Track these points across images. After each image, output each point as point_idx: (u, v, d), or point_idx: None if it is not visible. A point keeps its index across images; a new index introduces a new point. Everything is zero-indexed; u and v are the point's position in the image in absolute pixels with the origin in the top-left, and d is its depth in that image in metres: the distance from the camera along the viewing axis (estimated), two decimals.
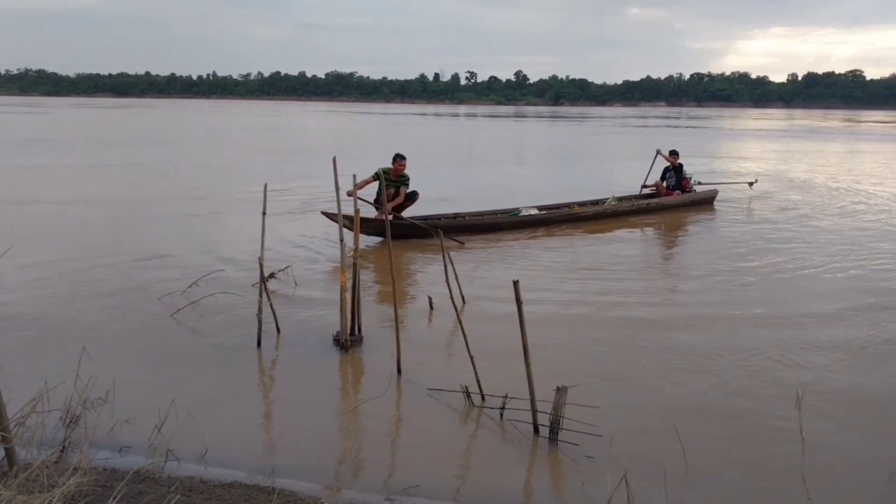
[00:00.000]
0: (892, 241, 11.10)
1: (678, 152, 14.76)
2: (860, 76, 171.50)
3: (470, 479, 4.20)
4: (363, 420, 4.83)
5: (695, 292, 8.11)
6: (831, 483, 4.06)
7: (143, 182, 17.53)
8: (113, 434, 4.40)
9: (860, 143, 41.42)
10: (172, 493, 3.62)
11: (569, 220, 12.21)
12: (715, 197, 14.80)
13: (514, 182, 19.08)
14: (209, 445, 4.27)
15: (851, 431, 4.73)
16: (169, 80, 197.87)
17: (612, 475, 3.75)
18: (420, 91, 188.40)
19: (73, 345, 5.52)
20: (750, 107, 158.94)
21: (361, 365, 5.84)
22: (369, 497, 3.85)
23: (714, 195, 14.81)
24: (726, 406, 5.07)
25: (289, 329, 6.47)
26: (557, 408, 4.42)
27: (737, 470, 4.22)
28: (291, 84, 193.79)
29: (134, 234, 10.83)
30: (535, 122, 72.34)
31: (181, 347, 6.14)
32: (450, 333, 6.52)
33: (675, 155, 14.56)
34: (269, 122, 58.27)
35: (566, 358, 5.97)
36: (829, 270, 9.07)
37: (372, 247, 10.30)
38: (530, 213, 11.93)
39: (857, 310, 7.34)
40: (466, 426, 4.79)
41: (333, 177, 6.00)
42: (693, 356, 6.02)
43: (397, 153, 10.90)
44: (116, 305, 7.20)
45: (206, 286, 7.51)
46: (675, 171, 14.50)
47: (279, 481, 3.95)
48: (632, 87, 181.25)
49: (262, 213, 6.36)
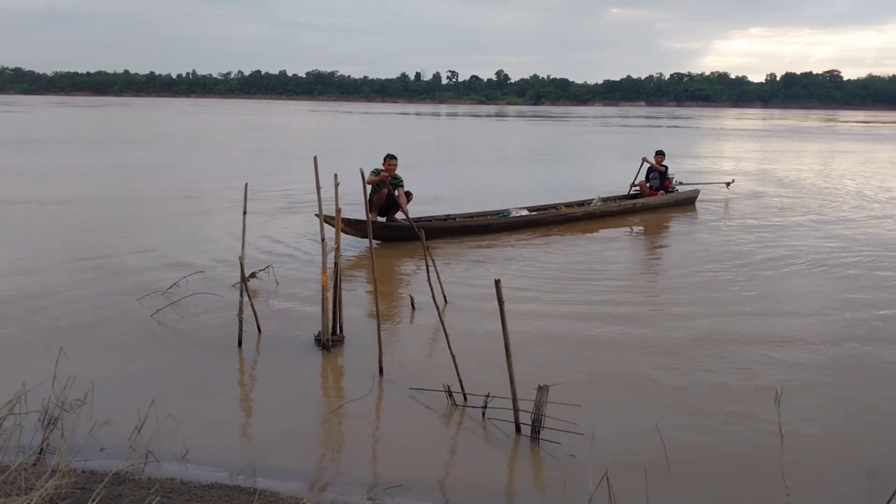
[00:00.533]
0: (870, 238, 11.23)
1: (664, 152, 14.73)
2: (837, 76, 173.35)
3: (452, 478, 4.21)
4: (345, 420, 4.81)
5: (675, 291, 8.17)
6: (811, 479, 4.10)
7: (124, 182, 17.37)
8: (92, 436, 4.35)
9: (841, 142, 41.87)
10: (152, 495, 3.59)
11: (558, 220, 12.20)
12: (696, 197, 14.96)
13: (500, 182, 19.10)
14: (190, 446, 4.24)
15: (830, 428, 4.79)
16: (148, 78, 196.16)
17: (593, 473, 3.76)
18: (401, 90, 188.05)
19: (50, 346, 5.45)
20: (729, 106, 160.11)
21: (343, 365, 5.82)
22: (351, 497, 3.84)
23: (696, 195, 14.98)
24: (706, 404, 5.11)
25: (270, 329, 6.44)
26: (539, 406, 4.43)
27: (717, 467, 4.26)
28: (272, 83, 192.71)
29: (113, 234, 10.72)
30: (517, 121, 72.47)
31: (161, 348, 6.09)
32: (432, 333, 6.52)
33: (661, 155, 14.55)
34: (252, 121, 57.95)
35: (548, 357, 5.98)
36: (807, 267, 9.17)
37: (363, 250, 9.96)
38: (521, 213, 11.87)
39: (836, 307, 7.42)
40: (449, 426, 4.80)
41: (315, 176, 5.98)
42: (673, 355, 6.06)
43: (388, 153, 10.41)
44: (95, 306, 7.12)
45: (186, 286, 7.45)
46: (660, 174, 14.50)
47: (260, 482, 3.93)
48: (612, 87, 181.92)
49: (244, 213, 6.33)
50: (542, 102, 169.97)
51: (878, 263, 9.52)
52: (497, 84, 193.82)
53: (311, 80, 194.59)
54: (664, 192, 14.43)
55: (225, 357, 5.89)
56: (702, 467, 4.25)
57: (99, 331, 6.46)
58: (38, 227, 11.25)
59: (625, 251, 11.16)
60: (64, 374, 4.55)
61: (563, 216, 12.30)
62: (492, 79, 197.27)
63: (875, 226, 12.65)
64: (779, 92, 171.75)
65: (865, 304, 7.54)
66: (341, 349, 6.05)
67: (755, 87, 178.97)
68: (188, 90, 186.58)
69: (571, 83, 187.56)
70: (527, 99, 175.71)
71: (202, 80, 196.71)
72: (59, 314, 6.84)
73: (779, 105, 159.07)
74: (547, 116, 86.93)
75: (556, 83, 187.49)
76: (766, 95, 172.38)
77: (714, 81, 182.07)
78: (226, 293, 7.38)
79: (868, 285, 8.37)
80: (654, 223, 12.99)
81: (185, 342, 6.26)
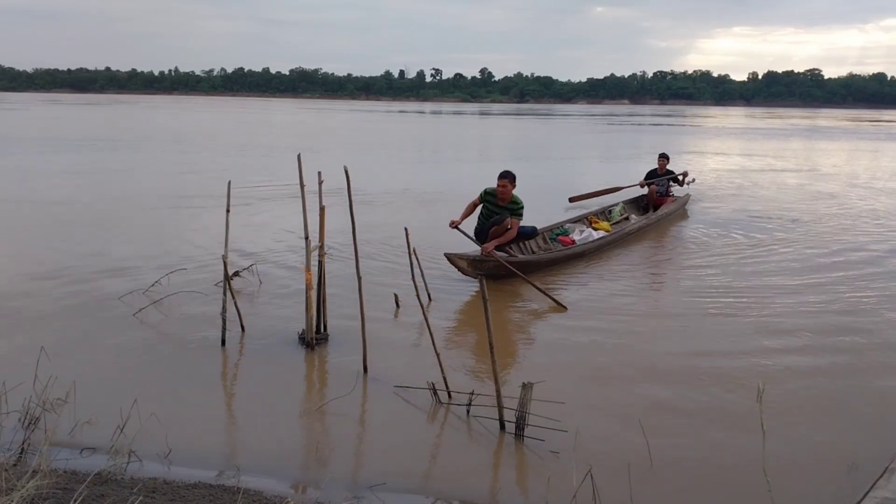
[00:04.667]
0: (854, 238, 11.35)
1: (668, 155, 13.99)
2: (819, 75, 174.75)
3: (436, 475, 4.22)
4: (329, 418, 4.81)
5: (659, 290, 8.22)
6: (792, 475, 4.13)
7: (104, 180, 17.24)
8: (74, 435, 4.32)
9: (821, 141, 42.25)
10: (135, 495, 3.56)
11: (628, 238, 10.70)
12: (687, 202, 14.10)
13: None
14: (173, 446, 4.22)
15: (812, 424, 4.83)
16: (130, 75, 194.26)
17: (577, 470, 3.78)
18: (385, 88, 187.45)
19: (31, 345, 5.41)
20: (711, 105, 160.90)
21: (327, 363, 5.81)
22: (336, 495, 3.84)
23: (687, 200, 14.07)
24: (689, 401, 5.15)
25: (254, 328, 6.41)
26: (523, 404, 4.44)
27: (699, 463, 4.30)
28: (255, 80, 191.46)
29: (94, 233, 10.64)
30: (504, 119, 72.44)
31: (143, 347, 6.05)
32: (417, 331, 6.52)
33: (665, 159, 13.77)
34: (238, 118, 57.63)
35: (533, 355, 6.00)
36: (794, 263, 9.25)
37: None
38: (582, 233, 10.28)
39: (819, 307, 7.49)
40: (433, 423, 4.80)
41: (299, 174, 5.96)
42: (655, 353, 6.10)
43: (503, 170, 8.27)
44: (76, 305, 7.07)
45: (169, 285, 7.40)
46: (669, 179, 13.59)
47: (244, 481, 3.91)
48: (596, 85, 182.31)
49: (227, 211, 6.29)
50: (526, 100, 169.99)
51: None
52: (481, 82, 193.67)
53: (295, 77, 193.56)
54: (673, 198, 13.40)
55: (208, 356, 5.86)
56: (684, 464, 4.28)
57: (80, 330, 6.40)
58: (17, 226, 11.15)
59: (628, 257, 11.17)
60: (45, 374, 4.51)
61: (627, 234, 10.82)
62: (476, 76, 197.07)
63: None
64: (761, 90, 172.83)
65: (849, 301, 7.61)
66: (325, 347, 6.04)
67: (737, 86, 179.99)
68: (170, 87, 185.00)
69: (555, 81, 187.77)
70: (511, 97, 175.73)
71: (184, 77, 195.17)
72: (40, 313, 6.77)
73: (760, 103, 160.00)
74: (533, 114, 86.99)
75: (541, 81, 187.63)
76: (748, 94, 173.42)
77: (697, 80, 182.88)
78: (209, 291, 7.34)
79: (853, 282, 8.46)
80: (664, 229, 12.15)
81: (167, 341, 6.22)
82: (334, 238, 8.69)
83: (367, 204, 12.93)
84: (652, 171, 13.78)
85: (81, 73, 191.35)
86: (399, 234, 6.86)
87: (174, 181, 16.91)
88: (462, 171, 21.89)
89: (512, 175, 8.16)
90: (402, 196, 15.06)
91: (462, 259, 7.73)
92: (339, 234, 8.67)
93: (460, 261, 7.73)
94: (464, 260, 7.74)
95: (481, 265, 7.78)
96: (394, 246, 9.43)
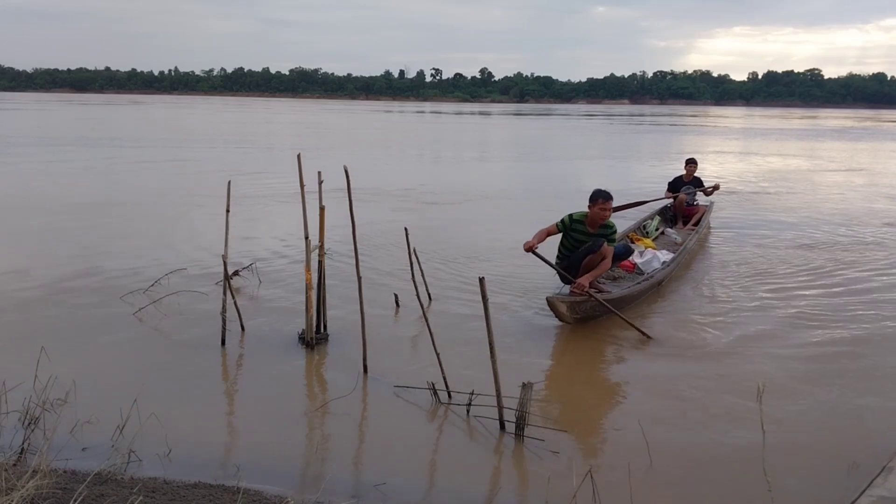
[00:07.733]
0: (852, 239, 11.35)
1: (696, 161, 12.69)
2: (818, 75, 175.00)
3: (437, 475, 4.21)
4: (329, 418, 4.80)
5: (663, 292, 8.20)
6: (792, 475, 4.13)
7: (106, 180, 17.24)
8: (74, 435, 4.32)
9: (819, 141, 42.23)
10: (135, 495, 3.56)
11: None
12: (711, 210, 12.77)
13: (507, 182, 19.06)
14: (172, 446, 4.22)
15: (812, 424, 4.83)
16: (130, 75, 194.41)
17: (577, 470, 3.78)
18: (385, 88, 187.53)
19: (31, 345, 5.38)
20: (711, 104, 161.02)
21: (327, 363, 5.80)
22: (336, 495, 3.83)
23: (711, 208, 12.84)
24: (688, 401, 5.14)
25: (254, 327, 6.41)
26: (523, 404, 4.44)
27: (699, 463, 4.29)
28: (255, 80, 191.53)
29: (94, 232, 10.63)
30: (505, 118, 72.43)
31: (143, 347, 6.05)
32: (417, 331, 6.52)
33: (693, 164, 12.46)
34: (240, 117, 57.61)
35: (532, 356, 6.00)
36: (796, 265, 9.25)
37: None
38: (643, 254, 9.12)
39: (818, 303, 7.50)
40: (433, 423, 4.80)
41: (298, 174, 5.96)
42: (655, 353, 6.10)
43: (598, 190, 7.03)
44: (76, 305, 7.07)
45: (169, 284, 7.40)
46: (693, 185, 12.30)
47: (244, 481, 3.90)
48: (596, 85, 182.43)
49: (226, 211, 6.29)
50: (525, 100, 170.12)
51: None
52: (481, 82, 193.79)
53: (295, 77, 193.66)
54: (703, 206, 12.31)
55: (208, 355, 5.86)
56: (684, 463, 4.27)
57: (80, 329, 6.40)
58: (18, 226, 11.14)
59: None
60: (45, 374, 4.51)
61: (688, 252, 9.78)
62: (476, 76, 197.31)
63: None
64: (761, 90, 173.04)
65: (848, 300, 7.61)
66: (325, 347, 6.04)
67: (737, 86, 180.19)
68: (170, 87, 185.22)
69: (555, 81, 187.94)
70: (511, 97, 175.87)
71: (184, 77, 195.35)
72: (40, 313, 6.78)
73: (760, 103, 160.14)
74: (534, 114, 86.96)
75: (540, 81, 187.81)
76: (748, 94, 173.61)
77: (697, 80, 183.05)
78: (209, 291, 7.34)
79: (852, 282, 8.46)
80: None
81: (167, 341, 6.22)
82: (334, 238, 8.69)
83: (367, 203, 12.93)
84: (677, 178, 12.54)
85: (81, 72, 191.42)
86: (399, 234, 6.84)
87: (177, 180, 16.89)
88: (462, 171, 21.89)
89: (610, 194, 7.02)
90: (402, 196, 15.07)
91: (563, 303, 6.45)
92: (339, 233, 8.64)
93: (560, 304, 6.45)
94: (564, 303, 6.46)
95: (580, 307, 6.58)
96: (394, 246, 9.42)
